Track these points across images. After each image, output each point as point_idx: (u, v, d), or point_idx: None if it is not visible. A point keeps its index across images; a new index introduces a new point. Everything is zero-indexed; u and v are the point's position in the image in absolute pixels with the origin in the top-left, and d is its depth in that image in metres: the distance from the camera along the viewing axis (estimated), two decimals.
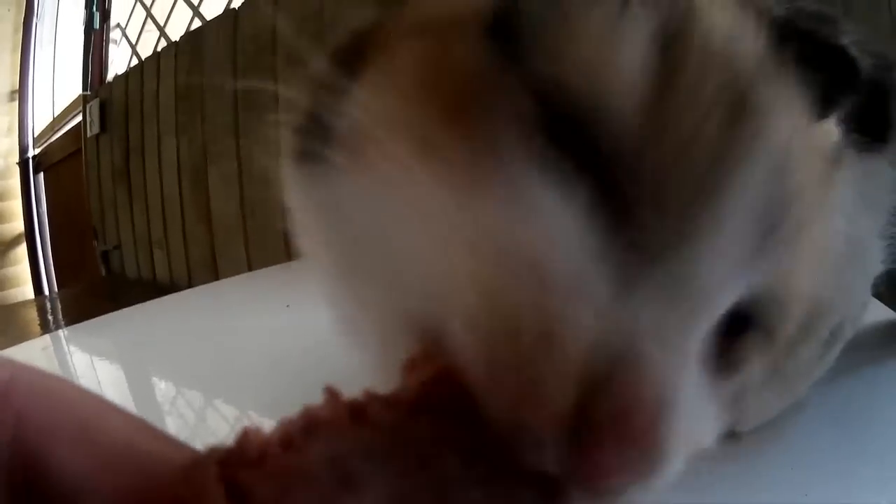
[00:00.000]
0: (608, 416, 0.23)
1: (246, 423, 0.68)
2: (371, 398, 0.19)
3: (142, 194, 2.83)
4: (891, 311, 0.71)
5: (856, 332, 0.59)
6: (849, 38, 0.53)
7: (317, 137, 0.31)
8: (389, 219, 0.27)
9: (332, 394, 0.19)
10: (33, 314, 3.07)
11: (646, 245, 0.25)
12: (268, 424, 0.28)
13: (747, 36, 0.29)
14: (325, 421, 0.18)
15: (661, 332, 0.24)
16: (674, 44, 0.26)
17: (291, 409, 0.34)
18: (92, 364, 0.98)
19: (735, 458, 0.50)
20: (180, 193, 2.63)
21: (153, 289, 2.81)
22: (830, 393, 0.57)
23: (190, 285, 2.64)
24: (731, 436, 0.51)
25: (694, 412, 0.26)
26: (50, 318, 2.95)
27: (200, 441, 0.20)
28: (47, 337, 1.12)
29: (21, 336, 2.61)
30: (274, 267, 1.62)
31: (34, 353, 0.99)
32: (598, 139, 0.25)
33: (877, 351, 0.66)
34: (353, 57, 0.32)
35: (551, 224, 0.24)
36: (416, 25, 0.31)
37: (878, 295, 0.67)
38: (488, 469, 0.19)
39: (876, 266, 0.58)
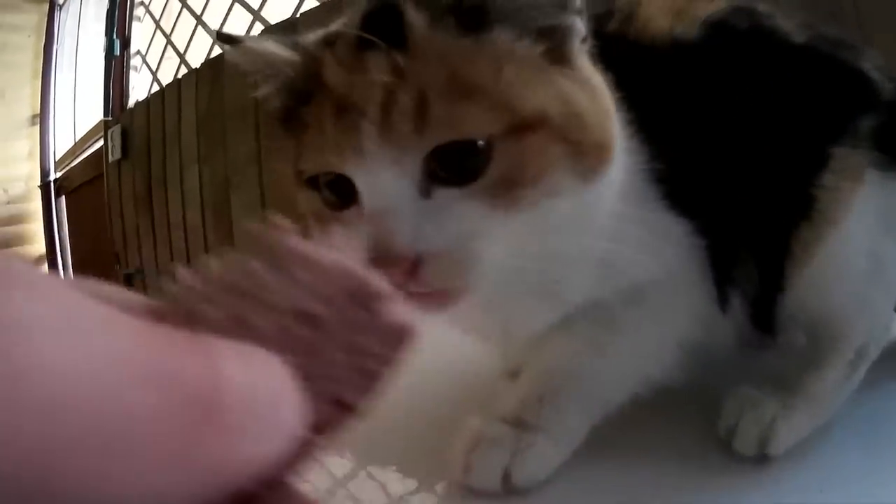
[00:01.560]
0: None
1: None
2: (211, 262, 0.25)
3: (164, 222, 2.86)
4: None
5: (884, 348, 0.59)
6: (869, 62, 0.60)
7: None
8: None
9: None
10: None
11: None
12: None
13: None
14: (178, 292, 0.24)
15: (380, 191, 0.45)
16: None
17: None
18: None
19: (765, 482, 0.52)
20: (203, 222, 2.65)
21: None
22: (857, 409, 0.57)
23: None
24: (763, 459, 0.52)
25: (437, 221, 0.44)
26: None
27: None
28: None
29: None
30: None
31: None
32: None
33: None
34: None
35: None
36: None
37: None
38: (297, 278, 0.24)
39: None
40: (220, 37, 0.52)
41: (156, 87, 3.00)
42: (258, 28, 2.43)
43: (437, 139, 0.44)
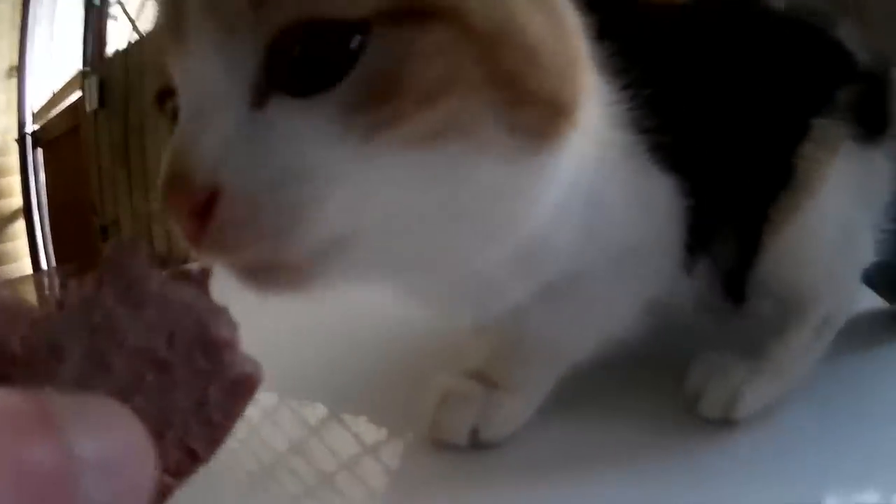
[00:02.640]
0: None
1: (262, 402, 0.68)
2: (72, 283, 0.24)
3: (141, 171, 2.85)
4: (879, 302, 0.73)
5: (846, 321, 0.60)
6: (846, 33, 0.59)
7: None
8: None
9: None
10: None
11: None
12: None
13: None
14: (41, 316, 0.23)
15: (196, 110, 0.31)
16: None
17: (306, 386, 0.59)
18: None
19: (724, 445, 0.53)
20: None
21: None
22: (819, 381, 0.58)
23: (188, 259, 2.66)
24: (728, 422, 0.54)
25: (259, 141, 0.31)
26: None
27: None
28: None
29: None
30: None
31: None
32: None
33: (865, 339, 0.68)
34: None
35: None
36: None
37: (870, 284, 0.69)
38: (148, 318, 0.24)
39: (867, 257, 0.60)
40: None
41: (135, 37, 2.97)
42: None
43: (283, 16, 0.30)
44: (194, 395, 0.23)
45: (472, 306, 0.51)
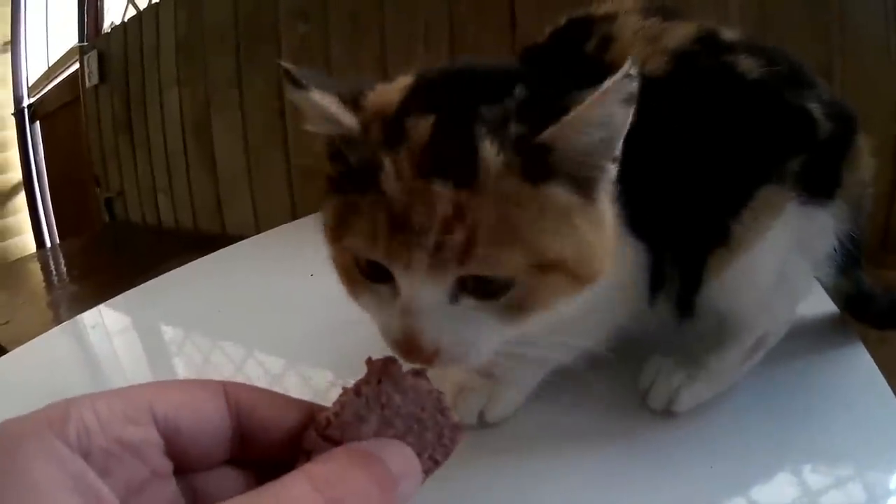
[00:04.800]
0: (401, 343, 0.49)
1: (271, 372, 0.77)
2: (361, 382, 0.42)
3: (144, 144, 2.89)
4: (830, 305, 0.85)
5: (794, 325, 0.72)
6: (815, 100, 0.65)
7: None
8: None
9: (346, 389, 0.42)
10: (37, 269, 3.07)
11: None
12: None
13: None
14: (345, 401, 0.41)
15: (418, 303, 0.48)
16: None
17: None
18: (151, 328, 1.08)
19: (676, 431, 0.66)
20: (184, 144, 2.69)
21: (158, 234, 2.88)
22: (757, 379, 0.71)
23: (195, 229, 2.71)
24: (669, 413, 0.67)
25: (455, 325, 0.49)
26: (53, 270, 2.98)
27: None
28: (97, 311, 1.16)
29: (26, 291, 2.67)
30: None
31: (85, 329, 1.09)
32: None
33: (811, 342, 0.79)
34: None
35: None
36: None
37: (841, 308, 0.83)
38: (409, 398, 0.42)
39: (803, 294, 0.72)
40: (288, 75, 0.49)
41: (131, 10, 2.99)
42: None
43: (474, 271, 0.48)
44: (436, 434, 0.42)
45: None
